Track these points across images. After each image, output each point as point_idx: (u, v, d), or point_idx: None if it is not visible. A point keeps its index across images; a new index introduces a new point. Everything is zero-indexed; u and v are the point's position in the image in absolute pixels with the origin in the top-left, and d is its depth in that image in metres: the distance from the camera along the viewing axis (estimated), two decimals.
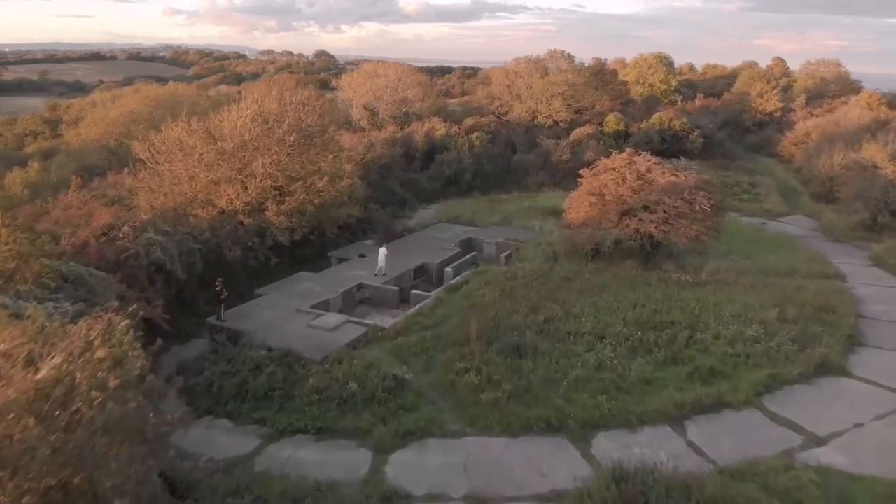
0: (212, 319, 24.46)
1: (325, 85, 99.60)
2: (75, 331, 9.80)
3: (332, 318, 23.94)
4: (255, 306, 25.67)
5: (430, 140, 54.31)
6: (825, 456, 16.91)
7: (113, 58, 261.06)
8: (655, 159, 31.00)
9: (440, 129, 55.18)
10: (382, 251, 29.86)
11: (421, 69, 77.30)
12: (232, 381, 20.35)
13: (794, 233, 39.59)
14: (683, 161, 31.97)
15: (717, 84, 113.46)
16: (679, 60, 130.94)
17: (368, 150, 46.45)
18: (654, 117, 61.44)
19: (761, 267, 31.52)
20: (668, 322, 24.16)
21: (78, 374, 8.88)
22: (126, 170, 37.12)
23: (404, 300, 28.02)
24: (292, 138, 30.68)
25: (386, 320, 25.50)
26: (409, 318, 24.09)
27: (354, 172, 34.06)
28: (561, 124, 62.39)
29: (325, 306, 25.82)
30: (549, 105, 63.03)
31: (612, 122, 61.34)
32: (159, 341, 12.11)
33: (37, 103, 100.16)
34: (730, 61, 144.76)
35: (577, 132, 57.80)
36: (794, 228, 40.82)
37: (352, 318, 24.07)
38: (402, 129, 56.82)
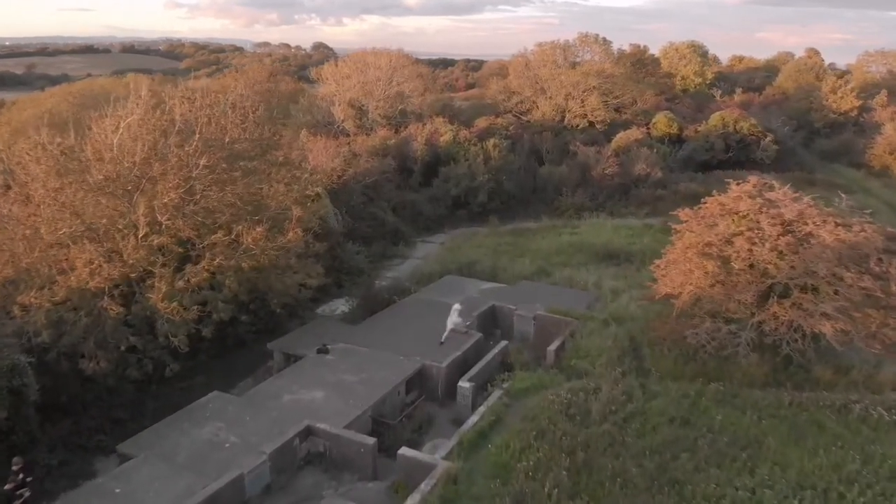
0: None
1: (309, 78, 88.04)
2: None
3: None
4: (100, 494, 13.44)
5: (432, 148, 42.05)
6: None
7: (106, 51, 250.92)
8: (807, 199, 18.69)
9: (445, 133, 42.83)
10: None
11: (422, 62, 65.04)
12: None
13: None
14: (846, 199, 19.48)
15: (755, 77, 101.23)
16: None
17: (349, 165, 34.19)
18: (715, 117, 48.83)
19: None
20: None
21: None
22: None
23: (384, 448, 15.96)
24: (203, 161, 18.43)
25: None
26: None
27: (312, 216, 21.89)
28: (598, 126, 49.76)
29: (235, 490, 13.65)
30: (583, 102, 50.32)
31: (663, 123, 48.90)
32: None
33: (16, 98, 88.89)
34: (734, 54, 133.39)
35: (622, 137, 45.25)
36: None
37: None
38: (396, 132, 44.46)
